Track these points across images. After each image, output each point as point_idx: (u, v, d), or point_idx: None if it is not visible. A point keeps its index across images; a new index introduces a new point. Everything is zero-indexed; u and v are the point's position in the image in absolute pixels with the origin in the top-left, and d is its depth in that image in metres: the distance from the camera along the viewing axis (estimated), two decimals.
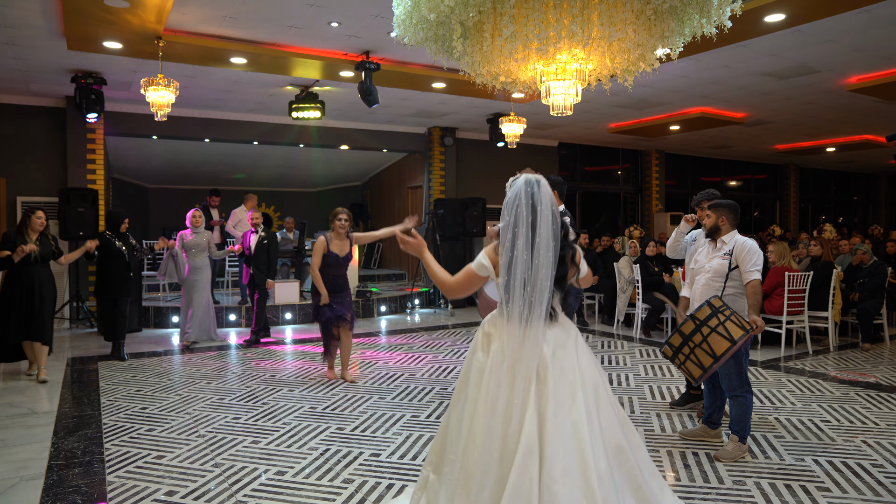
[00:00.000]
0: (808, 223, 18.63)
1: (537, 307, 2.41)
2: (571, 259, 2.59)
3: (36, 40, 6.73)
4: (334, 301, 5.69)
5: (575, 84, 3.97)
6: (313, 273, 5.64)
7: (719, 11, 3.62)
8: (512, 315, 2.44)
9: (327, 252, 5.66)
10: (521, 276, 2.41)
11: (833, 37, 6.74)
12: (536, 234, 2.42)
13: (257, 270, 7.65)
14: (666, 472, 3.68)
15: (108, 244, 6.72)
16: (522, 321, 2.42)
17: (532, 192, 2.48)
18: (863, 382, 5.72)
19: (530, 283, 2.41)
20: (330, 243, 5.69)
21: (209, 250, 7.66)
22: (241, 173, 15.63)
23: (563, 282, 2.55)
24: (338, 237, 5.73)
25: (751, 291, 3.88)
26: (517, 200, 2.47)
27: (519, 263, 2.41)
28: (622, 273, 8.68)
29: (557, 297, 2.55)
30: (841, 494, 3.34)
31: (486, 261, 2.56)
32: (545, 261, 2.41)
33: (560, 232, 2.49)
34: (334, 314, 5.66)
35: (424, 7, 3.63)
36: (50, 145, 9.17)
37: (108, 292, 6.77)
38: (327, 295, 5.62)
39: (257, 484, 3.53)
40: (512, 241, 2.44)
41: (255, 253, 7.64)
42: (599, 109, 10.44)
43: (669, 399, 5.23)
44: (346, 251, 5.75)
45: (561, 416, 2.34)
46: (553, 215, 2.45)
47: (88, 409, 4.98)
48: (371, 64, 7.35)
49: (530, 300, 2.41)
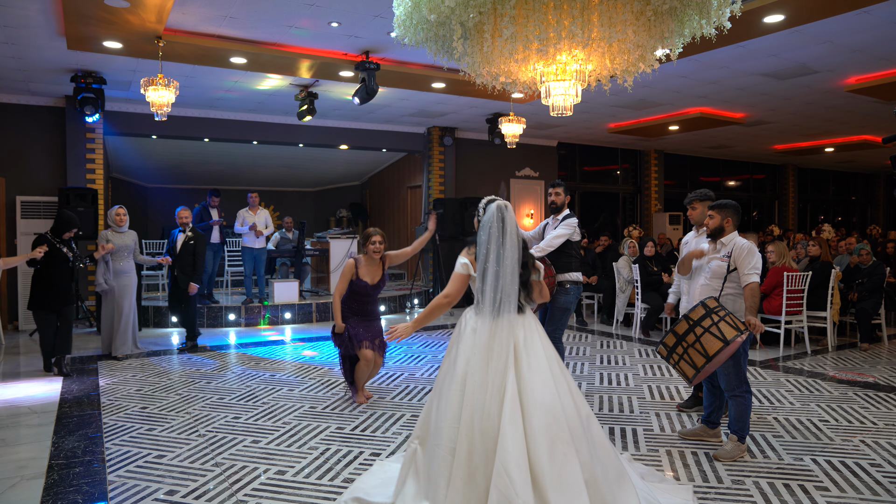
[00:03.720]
0: (807, 223, 18.66)
1: (506, 304, 2.98)
2: (532, 265, 3.21)
3: (35, 40, 6.73)
4: (360, 326, 5.03)
5: (575, 85, 3.97)
6: (334, 301, 5.00)
7: (719, 12, 3.63)
8: (484, 311, 3.00)
9: (356, 279, 4.98)
10: (490, 282, 2.99)
11: (832, 37, 6.76)
12: (505, 248, 3.00)
13: (181, 272, 7.14)
14: (665, 471, 3.69)
15: (55, 250, 6.09)
16: (493, 315, 2.98)
17: (503, 217, 3.04)
18: (861, 382, 5.73)
19: (499, 288, 2.99)
20: (360, 268, 4.98)
21: (134, 254, 6.98)
22: (239, 173, 15.62)
23: (527, 283, 3.14)
24: (370, 262, 5.03)
25: (749, 293, 3.89)
26: (490, 223, 3.03)
27: (490, 273, 3.00)
28: (621, 273, 8.70)
29: (523, 294, 3.10)
30: (839, 494, 3.35)
31: (466, 260, 3.15)
32: (512, 268, 3.00)
33: (522, 244, 3.10)
34: (361, 337, 4.98)
35: (425, 7, 3.63)
36: (49, 145, 9.17)
37: (53, 302, 6.08)
38: (342, 325, 4.99)
39: (258, 483, 3.54)
40: (486, 255, 3.01)
41: (179, 254, 7.13)
42: (599, 110, 10.45)
43: (669, 399, 5.25)
44: (377, 278, 5.06)
45: (535, 381, 2.87)
46: (517, 232, 3.06)
47: (89, 408, 4.99)
48: (371, 64, 7.36)
49: (500, 299, 2.98)
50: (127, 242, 6.90)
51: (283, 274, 10.89)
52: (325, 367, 6.41)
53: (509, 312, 2.98)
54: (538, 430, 2.74)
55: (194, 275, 7.21)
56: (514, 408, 2.78)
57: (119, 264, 6.86)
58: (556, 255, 4.96)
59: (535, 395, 2.82)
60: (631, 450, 4.03)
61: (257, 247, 9.31)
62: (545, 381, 2.87)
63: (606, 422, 4.61)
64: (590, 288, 9.56)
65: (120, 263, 6.87)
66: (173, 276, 7.24)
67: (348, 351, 5.01)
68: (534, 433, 2.74)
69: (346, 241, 10.73)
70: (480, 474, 2.75)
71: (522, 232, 3.23)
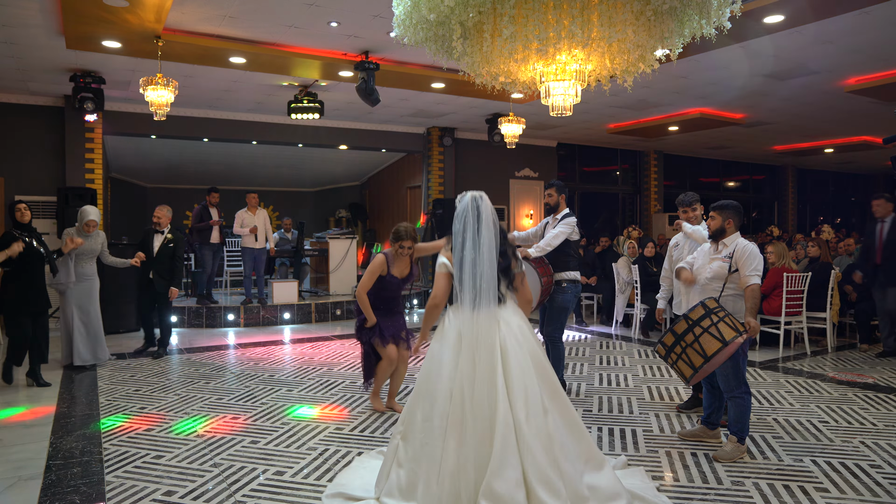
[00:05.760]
0: (806, 224, 18.66)
1: (485, 294, 2.96)
2: (513, 253, 3.19)
3: (34, 39, 6.72)
4: (386, 323, 4.87)
5: (574, 85, 3.97)
6: (360, 296, 4.78)
7: (719, 12, 3.62)
8: (464, 302, 2.98)
9: (387, 274, 4.82)
10: (468, 271, 2.97)
11: (832, 38, 6.75)
12: (481, 236, 2.99)
13: (158, 276, 6.71)
14: (665, 472, 3.68)
15: (30, 247, 5.50)
16: (473, 306, 2.96)
17: (478, 205, 3.06)
18: (861, 383, 5.72)
19: (477, 275, 2.96)
20: (391, 264, 4.83)
21: (103, 256, 6.42)
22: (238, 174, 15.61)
23: (508, 271, 3.12)
24: (400, 259, 4.87)
25: (749, 295, 3.88)
26: (465, 212, 3.05)
27: (467, 261, 2.98)
28: (621, 274, 8.69)
29: (504, 284, 3.10)
30: (839, 495, 3.34)
31: (444, 259, 3.16)
32: (489, 256, 2.98)
33: (500, 234, 3.09)
34: (387, 332, 4.81)
35: (424, 7, 3.62)
36: (48, 144, 9.16)
37: (30, 305, 5.54)
38: (373, 317, 4.79)
39: (256, 484, 3.52)
40: (462, 244, 3.00)
41: (156, 256, 6.73)
42: (598, 110, 10.45)
43: (668, 399, 5.24)
44: (406, 272, 4.92)
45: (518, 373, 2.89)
46: (494, 222, 3.06)
47: (87, 408, 4.97)
48: (370, 64, 7.35)
49: (479, 289, 2.95)
50: (93, 246, 6.29)
51: (282, 274, 10.88)
52: (324, 368, 6.39)
53: (489, 303, 2.97)
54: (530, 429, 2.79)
55: (173, 279, 6.80)
56: (505, 407, 2.80)
57: (83, 267, 6.24)
58: (553, 254, 4.96)
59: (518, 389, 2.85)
60: (630, 451, 4.03)
61: (257, 247, 9.29)
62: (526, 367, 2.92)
63: (606, 423, 4.61)
64: (589, 289, 9.56)
65: (84, 266, 6.25)
66: (148, 280, 6.76)
67: (372, 347, 4.87)
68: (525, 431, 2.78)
69: (345, 241, 10.72)
70: (469, 473, 2.76)
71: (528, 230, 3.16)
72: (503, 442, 2.75)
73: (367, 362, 4.99)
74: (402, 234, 4.72)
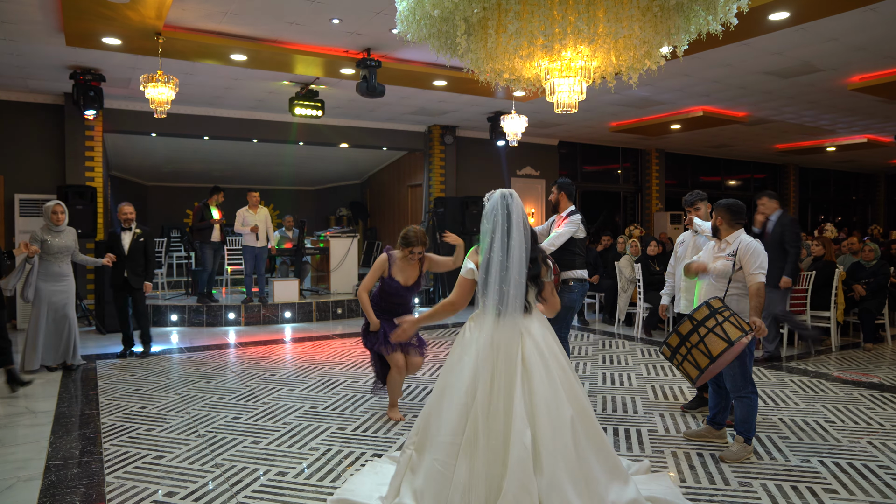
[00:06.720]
0: (808, 223, 18.61)
1: (512, 301, 2.78)
2: (543, 260, 2.97)
3: (34, 36, 6.67)
4: (390, 326, 4.51)
5: (580, 81, 3.93)
6: (361, 296, 4.57)
7: (726, 9, 3.58)
8: (487, 307, 2.82)
9: (388, 277, 4.54)
10: (494, 275, 2.79)
11: (837, 35, 6.70)
12: (511, 238, 2.81)
13: (133, 273, 6.67)
14: (671, 472, 3.64)
15: None
16: (497, 313, 2.79)
17: (507, 203, 2.86)
18: (866, 383, 5.69)
19: (505, 280, 2.78)
20: (393, 266, 4.54)
21: (74, 255, 6.21)
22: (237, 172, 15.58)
23: (537, 279, 2.92)
24: (406, 262, 4.59)
25: (754, 293, 3.83)
26: (495, 210, 2.85)
27: (494, 264, 2.80)
28: (623, 272, 8.65)
29: (533, 292, 2.92)
30: (848, 496, 3.31)
31: (472, 264, 2.95)
32: (518, 260, 2.80)
33: (530, 237, 2.88)
34: (388, 341, 4.46)
35: (428, 3, 3.59)
36: (48, 142, 9.12)
37: None
38: (376, 321, 4.53)
39: (258, 485, 3.49)
40: (490, 245, 2.82)
41: (128, 254, 6.68)
42: (600, 108, 10.40)
43: (673, 399, 5.20)
44: (412, 280, 4.60)
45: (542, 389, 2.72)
46: (524, 223, 2.86)
47: (87, 408, 4.94)
48: (372, 61, 7.31)
49: (506, 295, 2.77)
50: (66, 243, 6.07)
51: (282, 273, 10.84)
52: (325, 367, 6.36)
53: (515, 312, 2.79)
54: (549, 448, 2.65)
55: (147, 274, 6.79)
56: (523, 425, 2.64)
57: (58, 266, 6.06)
58: (559, 253, 4.92)
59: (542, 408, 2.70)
60: (636, 451, 3.99)
61: (258, 246, 9.25)
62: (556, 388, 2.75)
63: (610, 422, 4.57)
64: (591, 287, 9.52)
65: (58, 266, 6.06)
66: (122, 279, 6.67)
67: (378, 352, 4.62)
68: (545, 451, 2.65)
69: (346, 239, 10.69)
70: (479, 490, 2.65)
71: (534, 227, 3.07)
72: (519, 461, 2.60)
73: (377, 364, 4.79)
74: (411, 240, 4.45)
